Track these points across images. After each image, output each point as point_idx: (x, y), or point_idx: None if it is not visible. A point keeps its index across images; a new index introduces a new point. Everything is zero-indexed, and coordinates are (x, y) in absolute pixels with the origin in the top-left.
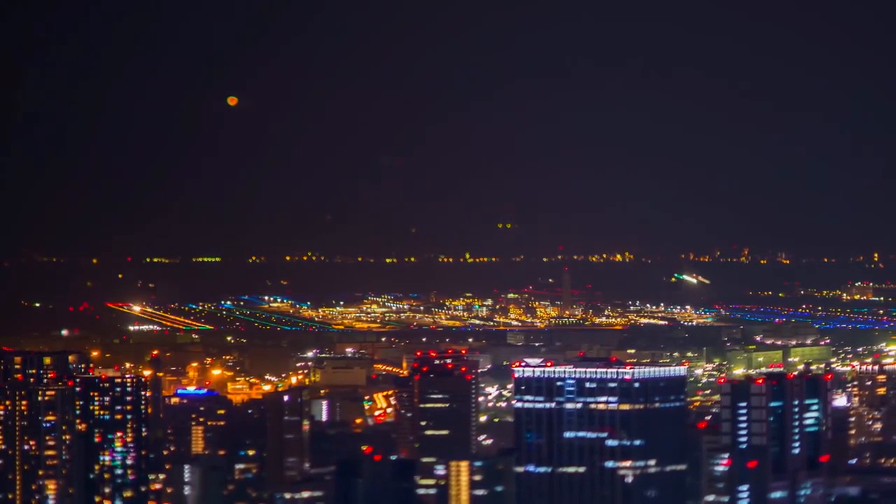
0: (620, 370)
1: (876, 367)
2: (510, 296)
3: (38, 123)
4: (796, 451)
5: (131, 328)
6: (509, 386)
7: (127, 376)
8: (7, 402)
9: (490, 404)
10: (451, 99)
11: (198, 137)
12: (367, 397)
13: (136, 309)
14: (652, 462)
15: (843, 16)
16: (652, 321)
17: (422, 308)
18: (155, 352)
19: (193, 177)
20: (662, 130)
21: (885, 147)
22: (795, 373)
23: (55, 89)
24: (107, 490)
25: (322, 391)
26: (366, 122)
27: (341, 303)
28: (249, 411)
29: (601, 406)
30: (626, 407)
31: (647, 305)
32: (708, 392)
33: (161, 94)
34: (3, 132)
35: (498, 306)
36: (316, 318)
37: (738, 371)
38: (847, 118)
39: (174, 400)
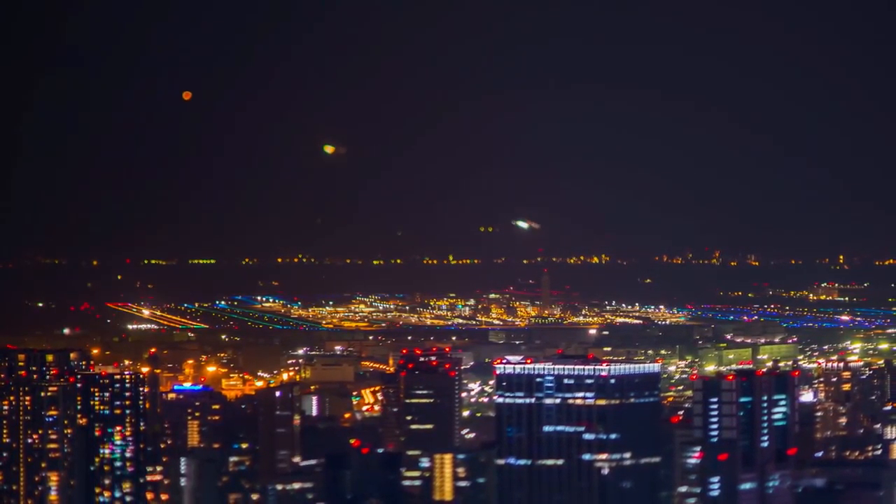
0: (597, 367)
1: (841, 364)
2: (492, 296)
3: (39, 129)
4: (765, 444)
5: (130, 327)
6: (491, 382)
7: (126, 373)
8: (11, 398)
9: (473, 400)
10: (439, 106)
11: (194, 143)
12: (355, 393)
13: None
14: (627, 455)
15: (804, 28)
16: (627, 320)
17: (407, 308)
18: (153, 350)
19: (190, 182)
20: (639, 143)
21: (851, 156)
22: (764, 369)
23: (56, 94)
24: (106, 482)
25: (312, 387)
26: (357, 128)
27: (330, 303)
28: (243, 406)
29: (579, 401)
30: (602, 402)
31: (623, 305)
32: (681, 388)
33: (159, 98)
34: (5, 137)
35: (480, 306)
36: (307, 318)
37: (710, 368)
38: (814, 130)
39: (171, 396)
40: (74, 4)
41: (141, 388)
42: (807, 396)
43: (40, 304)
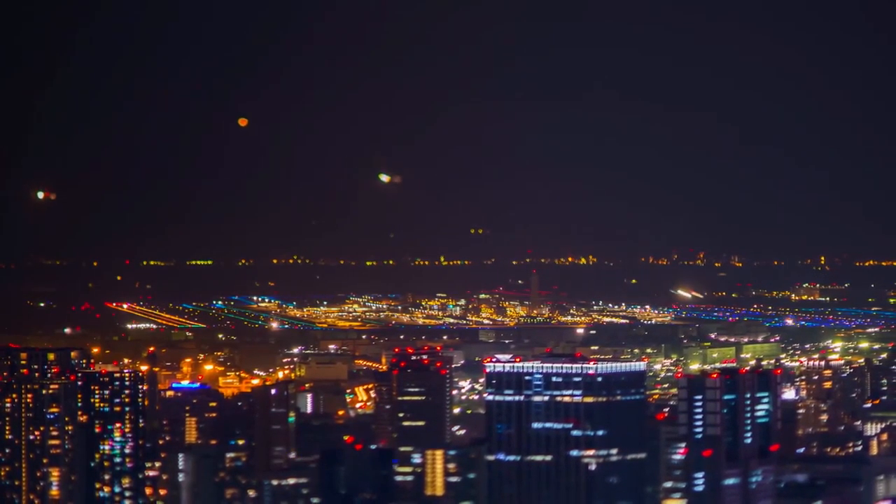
0: (584, 365)
1: (822, 363)
2: (482, 296)
3: (41, 133)
4: (748, 440)
5: (129, 326)
6: (481, 380)
7: (125, 371)
8: (14, 396)
9: (463, 397)
10: (431, 110)
11: (192, 148)
12: (348, 391)
13: None
14: (614, 451)
15: (785, 33)
16: (614, 320)
17: (399, 308)
18: (151, 348)
19: (187, 185)
20: (624, 149)
21: (832, 159)
22: (747, 368)
23: (57, 97)
24: (106, 477)
25: (307, 385)
26: (350, 134)
27: (325, 303)
28: (239, 404)
29: (567, 399)
30: (589, 399)
31: (610, 305)
32: (666, 386)
33: (157, 105)
34: (7, 143)
35: (470, 306)
36: (302, 318)
37: (694, 366)
38: (796, 133)
39: (169, 393)
40: (75, 9)
41: (140, 386)
42: (789, 394)
43: (42, 304)
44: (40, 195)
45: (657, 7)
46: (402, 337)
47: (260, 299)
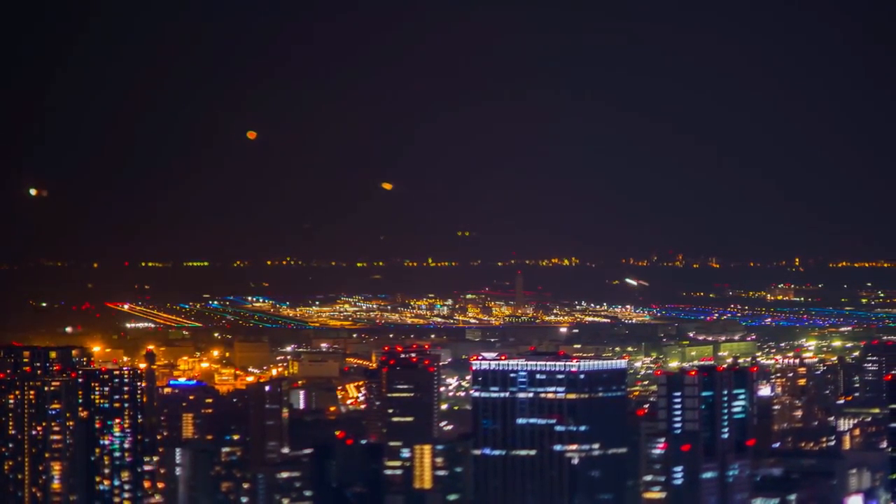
0: (568, 363)
1: (797, 361)
2: (468, 296)
3: (42, 139)
4: (725, 436)
5: (128, 325)
6: (468, 377)
7: (124, 369)
8: (17, 392)
9: (450, 394)
10: (423, 116)
11: (189, 150)
12: (339, 387)
13: None
14: (596, 446)
15: (763, 51)
16: (596, 319)
17: (389, 307)
18: (149, 347)
19: (185, 189)
20: (608, 159)
21: (804, 170)
22: (725, 366)
23: (58, 101)
24: (106, 471)
25: (299, 382)
26: (344, 138)
27: (317, 303)
28: (234, 400)
29: (550, 395)
30: (572, 396)
31: (592, 305)
32: (646, 383)
33: (155, 108)
34: (9, 148)
35: (457, 306)
36: (295, 317)
37: (674, 364)
38: (771, 146)
39: (167, 390)
40: (75, 8)
41: (138, 383)
42: (765, 391)
43: (44, 305)
44: (33, 192)
45: (651, 20)
46: (391, 336)
47: (254, 299)
